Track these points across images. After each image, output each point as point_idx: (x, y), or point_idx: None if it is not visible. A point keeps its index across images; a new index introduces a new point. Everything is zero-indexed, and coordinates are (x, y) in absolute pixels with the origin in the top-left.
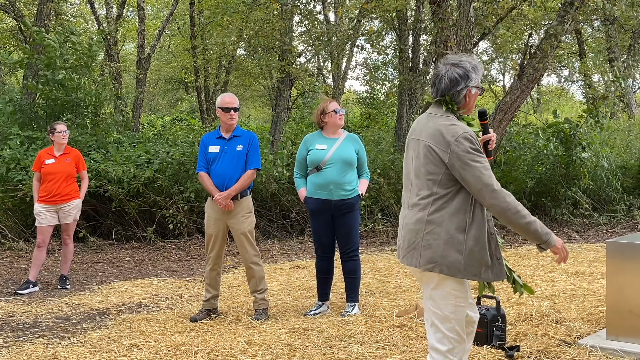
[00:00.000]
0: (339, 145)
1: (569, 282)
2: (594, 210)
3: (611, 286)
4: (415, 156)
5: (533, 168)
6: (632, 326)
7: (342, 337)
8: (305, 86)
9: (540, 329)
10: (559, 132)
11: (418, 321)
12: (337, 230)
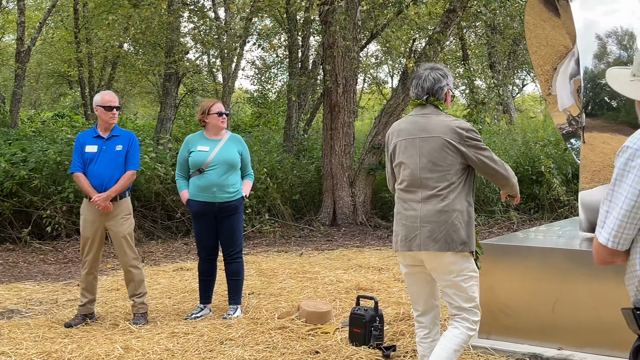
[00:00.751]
0: (221, 147)
1: None
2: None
3: (483, 286)
4: (423, 153)
5: None
6: (502, 325)
7: (223, 341)
8: (194, 83)
9: None
10: None
11: (299, 322)
12: (220, 232)
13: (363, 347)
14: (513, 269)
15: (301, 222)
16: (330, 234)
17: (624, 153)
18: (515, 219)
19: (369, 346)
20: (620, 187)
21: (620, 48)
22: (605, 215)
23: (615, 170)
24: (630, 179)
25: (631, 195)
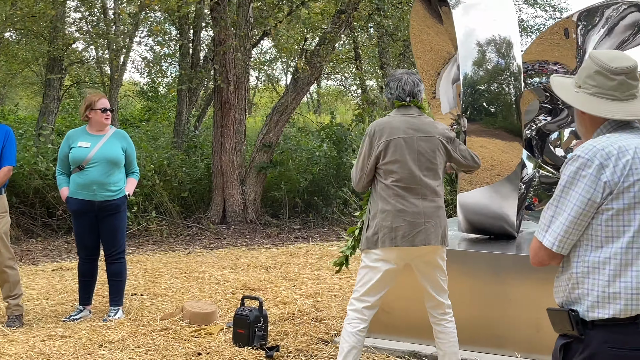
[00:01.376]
0: (104, 143)
1: (333, 279)
2: (361, 209)
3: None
4: (422, 152)
5: (307, 168)
6: (383, 323)
7: (102, 344)
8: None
9: (301, 328)
10: (332, 135)
11: (183, 324)
12: (101, 232)
13: (246, 348)
14: None
15: (190, 220)
16: (220, 232)
17: (575, 162)
18: None
19: (253, 347)
20: (569, 195)
21: (498, 56)
22: (551, 220)
23: (564, 178)
24: (579, 187)
25: (580, 203)
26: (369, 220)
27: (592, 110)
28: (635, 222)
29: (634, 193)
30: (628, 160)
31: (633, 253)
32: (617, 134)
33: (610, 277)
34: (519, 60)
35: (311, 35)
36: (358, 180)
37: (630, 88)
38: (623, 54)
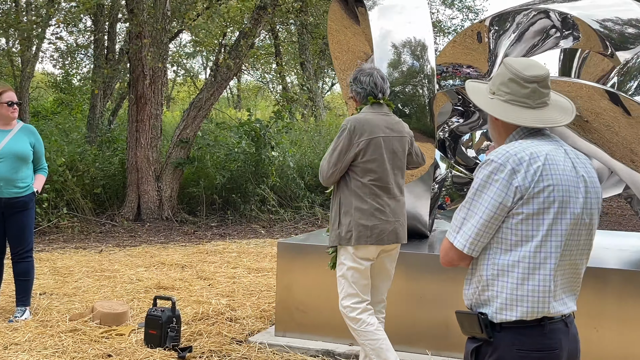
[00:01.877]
0: (10, 138)
1: (249, 278)
2: (280, 207)
3: (281, 284)
4: (395, 151)
5: (225, 165)
6: (298, 322)
7: (7, 346)
8: None
9: (215, 328)
10: (251, 131)
11: (93, 324)
12: (7, 230)
13: (158, 349)
14: (309, 268)
15: (103, 217)
16: (134, 229)
17: (488, 166)
18: (320, 215)
19: (165, 348)
20: (481, 198)
21: (413, 58)
22: (462, 222)
23: (477, 181)
24: (492, 191)
25: (491, 207)
26: (340, 217)
27: (506, 117)
28: (544, 227)
29: (543, 198)
30: (539, 166)
31: (540, 257)
32: (529, 140)
33: (519, 280)
34: (432, 63)
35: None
36: (330, 175)
37: (542, 96)
38: (536, 63)
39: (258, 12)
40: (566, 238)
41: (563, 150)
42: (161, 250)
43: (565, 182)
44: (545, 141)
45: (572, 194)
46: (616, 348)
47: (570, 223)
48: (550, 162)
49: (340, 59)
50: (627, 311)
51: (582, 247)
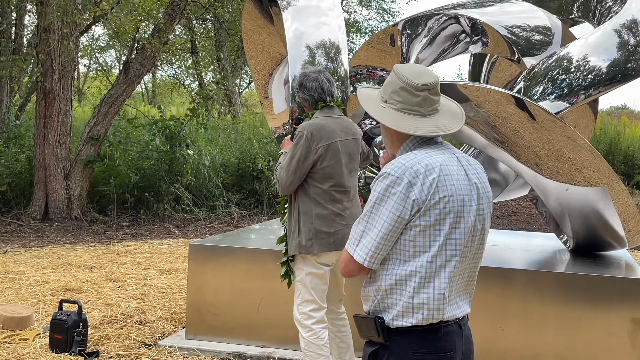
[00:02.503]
0: None
1: (161, 279)
2: (194, 206)
3: (192, 286)
4: (350, 155)
5: (138, 163)
6: (209, 325)
7: None
8: None
9: (124, 332)
10: (165, 129)
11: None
12: None
13: (64, 354)
14: (221, 270)
15: (8, 217)
16: (41, 229)
17: (385, 179)
18: (236, 214)
19: (71, 353)
20: (379, 211)
21: (327, 60)
22: (361, 235)
23: (374, 194)
24: (390, 204)
25: (390, 220)
26: (300, 225)
27: (398, 126)
28: (440, 237)
29: (439, 210)
30: (434, 178)
31: (436, 266)
32: (424, 150)
33: (415, 289)
34: (346, 65)
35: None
36: (289, 184)
37: (433, 103)
38: (426, 70)
39: (172, 8)
40: (461, 246)
41: (456, 159)
42: (69, 251)
43: (460, 191)
44: (439, 150)
45: (467, 202)
46: (520, 345)
47: (464, 231)
48: (445, 173)
49: (255, 59)
50: (530, 310)
51: (476, 251)
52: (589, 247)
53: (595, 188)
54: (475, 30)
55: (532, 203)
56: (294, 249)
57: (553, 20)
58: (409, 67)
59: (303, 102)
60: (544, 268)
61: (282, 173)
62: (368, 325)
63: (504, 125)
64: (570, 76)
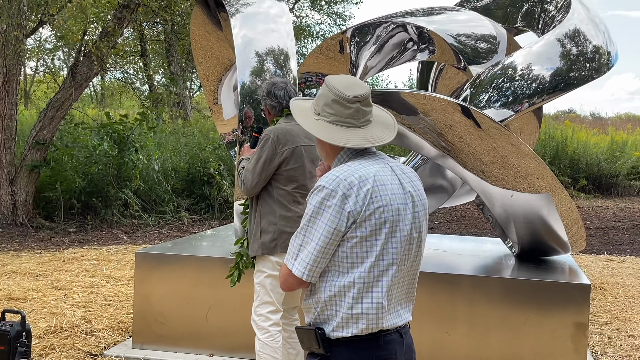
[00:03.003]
0: None
1: (108, 287)
2: (143, 211)
3: (138, 295)
4: (313, 160)
5: (85, 168)
6: (156, 334)
7: None
8: None
9: (69, 341)
10: (114, 133)
11: None
12: None
13: None
14: (168, 278)
15: None
16: None
17: (320, 192)
18: (186, 220)
19: None
20: (316, 224)
21: (276, 66)
22: (299, 249)
23: (310, 207)
24: (326, 217)
25: (326, 233)
26: (263, 226)
27: (332, 139)
28: (377, 248)
29: (374, 220)
30: (369, 189)
31: (374, 276)
32: (357, 162)
33: (354, 300)
34: (294, 72)
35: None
36: (254, 185)
37: (365, 114)
38: (357, 81)
39: (120, 11)
40: (398, 255)
41: (389, 168)
42: (14, 259)
43: (394, 201)
44: (372, 160)
45: (402, 212)
46: (466, 350)
47: (401, 240)
48: (379, 184)
49: (204, 65)
50: (476, 315)
51: (414, 259)
52: (534, 252)
53: (539, 194)
54: (422, 38)
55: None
56: (257, 249)
57: (499, 29)
58: (340, 79)
59: (269, 109)
60: (490, 273)
61: (248, 175)
62: (309, 337)
63: (451, 133)
64: (515, 84)
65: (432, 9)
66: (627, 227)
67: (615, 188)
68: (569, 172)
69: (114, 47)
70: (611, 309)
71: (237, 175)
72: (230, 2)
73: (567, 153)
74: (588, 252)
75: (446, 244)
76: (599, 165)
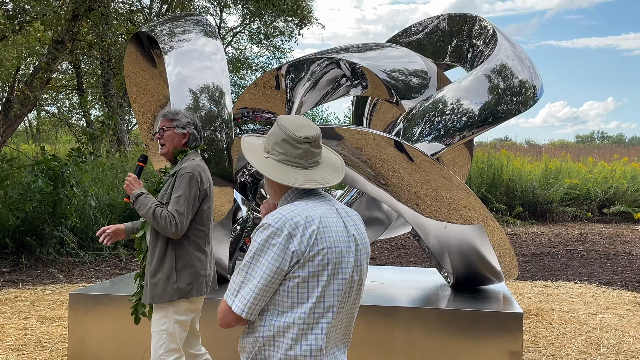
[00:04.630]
0: None
1: (42, 329)
2: (80, 249)
3: (73, 337)
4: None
5: (19, 205)
6: None
7: None
8: None
9: None
10: (49, 169)
11: None
12: None
13: None
14: (103, 319)
15: None
16: None
17: (265, 230)
18: (124, 256)
19: None
20: (259, 262)
21: (211, 103)
22: (240, 285)
23: (254, 244)
24: (269, 255)
25: (269, 271)
26: (178, 269)
27: (280, 178)
28: (318, 289)
29: (318, 261)
30: (314, 230)
31: (314, 317)
32: (304, 202)
33: (293, 341)
34: (229, 109)
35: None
36: (185, 225)
37: (314, 155)
38: (308, 123)
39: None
40: (339, 297)
41: (335, 210)
42: None
43: (338, 243)
44: (319, 201)
45: (345, 254)
46: None
47: (342, 283)
48: (324, 225)
49: (139, 102)
50: (414, 346)
51: (353, 302)
52: (469, 282)
53: (471, 225)
54: (355, 74)
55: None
56: (172, 294)
57: (429, 64)
58: (292, 119)
59: (188, 139)
60: (426, 304)
61: (177, 217)
62: None
63: (385, 167)
64: (446, 118)
65: (367, 45)
66: (562, 252)
67: (550, 214)
68: (505, 199)
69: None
70: (546, 335)
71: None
72: (164, 39)
73: (503, 180)
74: (524, 278)
75: (383, 275)
76: (533, 192)
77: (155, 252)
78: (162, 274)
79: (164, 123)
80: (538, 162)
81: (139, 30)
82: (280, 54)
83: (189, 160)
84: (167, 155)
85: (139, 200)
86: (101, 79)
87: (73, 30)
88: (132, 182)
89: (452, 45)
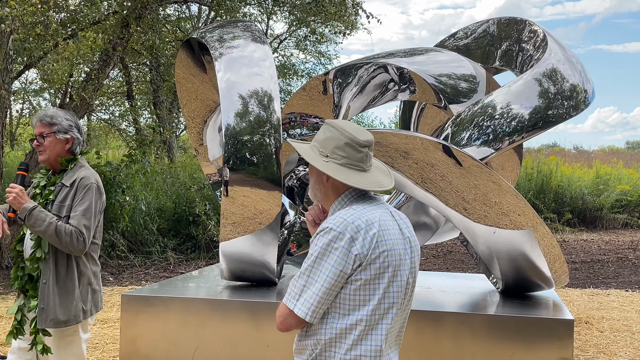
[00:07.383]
0: None
1: (94, 330)
2: (130, 252)
3: (125, 338)
4: None
5: None
6: None
7: None
8: None
9: None
10: (101, 175)
11: None
12: None
13: None
14: (154, 320)
15: None
16: None
17: (327, 234)
18: (172, 260)
19: None
20: (321, 266)
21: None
22: (302, 289)
23: (316, 249)
24: (332, 259)
25: (332, 275)
26: (82, 288)
27: (348, 180)
28: (380, 291)
29: (379, 264)
30: (375, 233)
31: (375, 319)
32: (361, 206)
33: (354, 342)
34: (278, 113)
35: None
36: (90, 238)
37: (370, 159)
38: (361, 127)
39: (106, 53)
40: (398, 299)
41: (390, 214)
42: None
43: (397, 246)
44: (374, 205)
45: (402, 257)
46: None
47: (401, 284)
48: (383, 228)
49: (189, 107)
50: (462, 352)
51: (407, 304)
52: (518, 288)
53: (521, 231)
54: (402, 78)
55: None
56: (77, 316)
57: (478, 68)
58: (347, 123)
59: (72, 144)
60: (474, 310)
61: (84, 230)
62: None
63: (433, 171)
64: (495, 123)
65: (414, 50)
66: (612, 260)
67: (599, 221)
68: (553, 206)
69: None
70: (597, 343)
71: (55, 231)
72: (214, 46)
73: (552, 187)
74: (574, 286)
75: (430, 280)
76: (583, 198)
77: (55, 271)
78: (66, 293)
79: (42, 129)
80: (587, 168)
81: (190, 37)
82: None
83: (84, 168)
84: (48, 163)
85: (34, 215)
86: (151, 86)
87: (124, 38)
88: (19, 195)
89: (502, 49)
